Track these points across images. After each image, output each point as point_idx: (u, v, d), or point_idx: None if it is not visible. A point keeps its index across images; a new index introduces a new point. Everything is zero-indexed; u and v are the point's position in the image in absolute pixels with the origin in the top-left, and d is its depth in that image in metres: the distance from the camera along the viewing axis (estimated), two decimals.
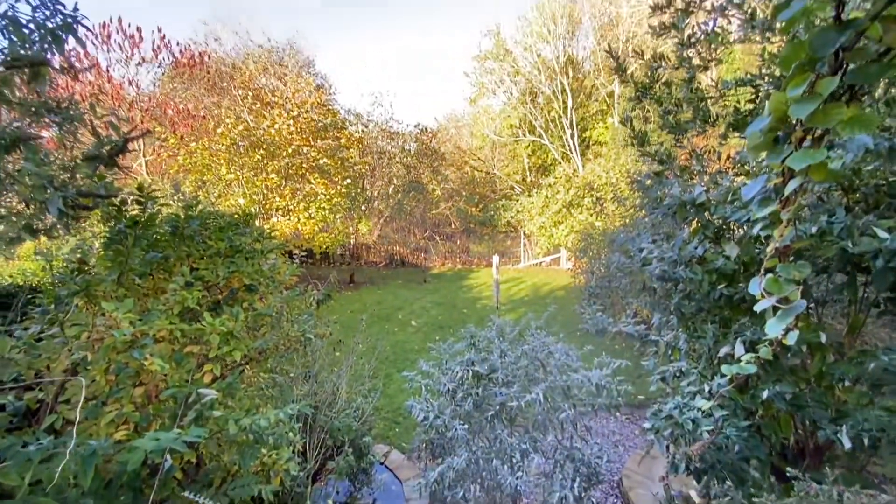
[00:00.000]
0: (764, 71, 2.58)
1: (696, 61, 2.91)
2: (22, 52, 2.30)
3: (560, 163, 20.31)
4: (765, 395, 1.98)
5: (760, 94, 2.56)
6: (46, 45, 2.41)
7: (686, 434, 2.04)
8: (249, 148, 11.54)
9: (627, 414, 5.77)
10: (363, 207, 16.86)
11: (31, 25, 2.49)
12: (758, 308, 1.27)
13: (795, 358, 2.13)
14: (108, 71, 11.31)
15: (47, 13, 2.57)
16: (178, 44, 13.12)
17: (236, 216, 3.41)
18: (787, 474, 1.70)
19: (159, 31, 12.65)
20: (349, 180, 13.71)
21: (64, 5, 2.57)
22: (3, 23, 2.40)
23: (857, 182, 2.11)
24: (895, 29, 0.98)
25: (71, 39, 2.50)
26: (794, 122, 1.13)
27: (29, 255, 4.39)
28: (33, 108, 2.60)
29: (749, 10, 2.45)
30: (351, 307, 11.87)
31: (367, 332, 5.17)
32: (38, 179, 2.01)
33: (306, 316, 3.38)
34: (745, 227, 2.38)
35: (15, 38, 2.15)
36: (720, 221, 2.41)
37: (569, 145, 20.14)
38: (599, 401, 3.23)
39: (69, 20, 2.51)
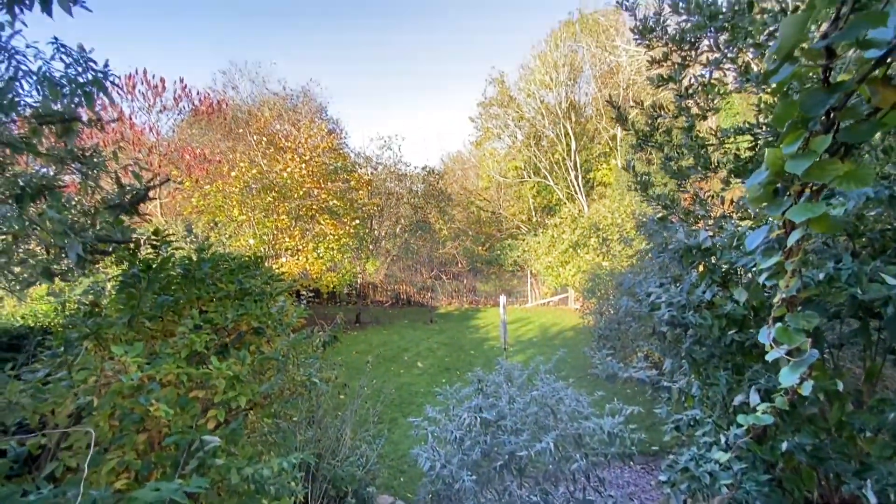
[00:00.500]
0: (762, 120, 2.66)
1: (694, 110, 3.01)
2: (54, 106, 2.46)
3: (565, 203, 20.57)
4: (784, 446, 1.91)
5: (759, 141, 2.63)
6: (77, 100, 2.57)
7: (703, 488, 1.95)
8: (262, 190, 11.87)
9: (642, 464, 5.52)
10: (371, 247, 17.03)
11: (64, 80, 2.67)
12: (769, 358, 1.25)
13: (813, 406, 2.07)
14: (130, 118, 11.88)
15: (79, 69, 2.76)
16: (197, 92, 13.84)
17: (246, 258, 3.47)
18: None
19: (181, 80, 13.40)
20: (358, 221, 13.95)
21: (95, 62, 2.75)
22: (36, 79, 2.58)
23: (861, 227, 2.12)
24: (882, 91, 1.02)
25: (99, 93, 2.66)
26: (792, 175, 1.17)
27: (42, 296, 4.46)
28: (59, 157, 2.74)
29: (743, 65, 2.56)
30: (357, 348, 11.73)
31: (372, 374, 5.10)
32: (60, 225, 2.09)
33: (312, 360, 3.35)
34: (753, 272, 2.38)
35: (49, 94, 2.30)
36: (727, 266, 2.41)
37: (573, 186, 20.47)
38: (612, 450, 3.11)
39: (99, 76, 2.69)
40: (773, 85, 1.18)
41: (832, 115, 1.09)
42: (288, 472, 2.36)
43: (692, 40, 2.91)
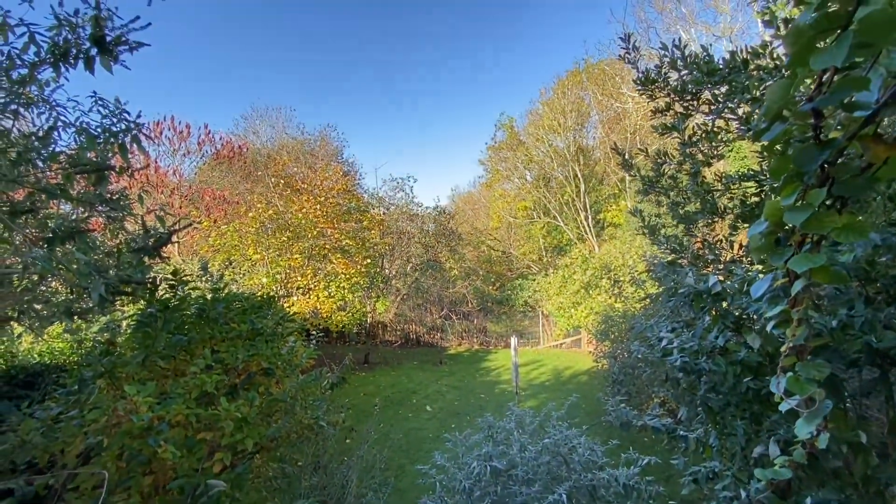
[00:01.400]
0: (765, 166, 2.71)
1: (699, 157, 3.08)
2: (88, 154, 2.62)
3: (576, 243, 20.60)
4: (808, 502, 1.82)
5: (765, 188, 2.67)
6: (109, 147, 2.74)
7: None
8: (277, 230, 12.15)
9: None
10: (381, 286, 17.09)
11: (99, 130, 2.86)
12: (782, 409, 1.24)
13: (836, 460, 1.98)
14: (156, 162, 12.46)
15: (114, 119, 2.96)
16: (220, 137, 14.52)
17: (259, 298, 3.53)
18: None
19: (205, 126, 14.12)
20: (369, 260, 14.09)
21: (129, 113, 2.96)
22: (74, 130, 2.77)
23: (873, 273, 2.11)
24: (873, 147, 1.07)
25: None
26: (792, 227, 1.20)
27: (59, 333, 4.54)
28: (89, 201, 2.89)
29: (745, 115, 2.65)
30: (365, 389, 11.53)
31: (380, 418, 4.98)
32: (86, 267, 2.18)
33: (319, 402, 3.33)
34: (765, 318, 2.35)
35: (86, 145, 2.47)
36: (739, 311, 2.39)
37: (584, 227, 20.56)
38: (628, 503, 2.97)
39: (132, 126, 2.88)
40: (766, 144, 1.23)
41: (826, 169, 1.13)
42: None
43: (693, 91, 3.03)
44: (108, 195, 3.01)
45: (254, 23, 35.14)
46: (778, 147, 1.22)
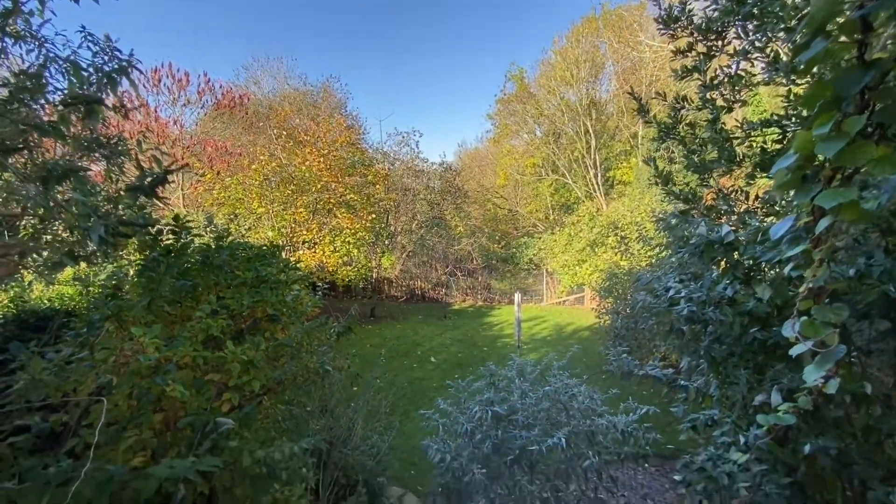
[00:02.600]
0: (790, 111, 2.56)
1: (719, 102, 2.92)
2: (79, 91, 2.52)
3: (583, 201, 20.31)
4: (807, 449, 1.84)
5: (788, 134, 2.54)
6: (103, 86, 2.63)
7: (721, 489, 1.89)
8: (281, 183, 12.03)
9: (657, 465, 5.42)
10: (387, 242, 17.12)
11: (91, 69, 2.74)
12: (793, 352, 1.20)
13: (838, 409, 1.99)
14: (155, 111, 12.18)
15: (105, 58, 2.83)
16: (220, 86, 14.09)
17: (264, 247, 3.51)
18: None
19: (205, 75, 13.66)
20: (374, 215, 14.03)
21: (121, 51, 2.82)
22: (65, 66, 2.65)
23: (895, 224, 2.02)
24: None
25: (125, 81, 2.73)
26: (822, 160, 1.11)
27: (68, 280, 4.61)
28: (85, 144, 2.81)
29: (772, 54, 2.47)
30: (371, 341, 11.82)
31: (385, 368, 5.10)
32: (84, 209, 2.14)
33: (325, 348, 3.38)
34: (777, 269, 2.30)
35: (75, 80, 2.36)
36: (750, 262, 2.33)
37: (592, 184, 20.19)
38: (626, 449, 3.06)
39: (124, 64, 2.75)
40: (802, 66, 1.12)
41: (867, 95, 1.03)
42: (299, 456, 2.38)
43: (719, 29, 2.81)
44: (106, 139, 2.93)
45: None
46: (813, 72, 1.11)
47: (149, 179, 2.19)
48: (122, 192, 2.61)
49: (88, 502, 1.62)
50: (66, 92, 2.56)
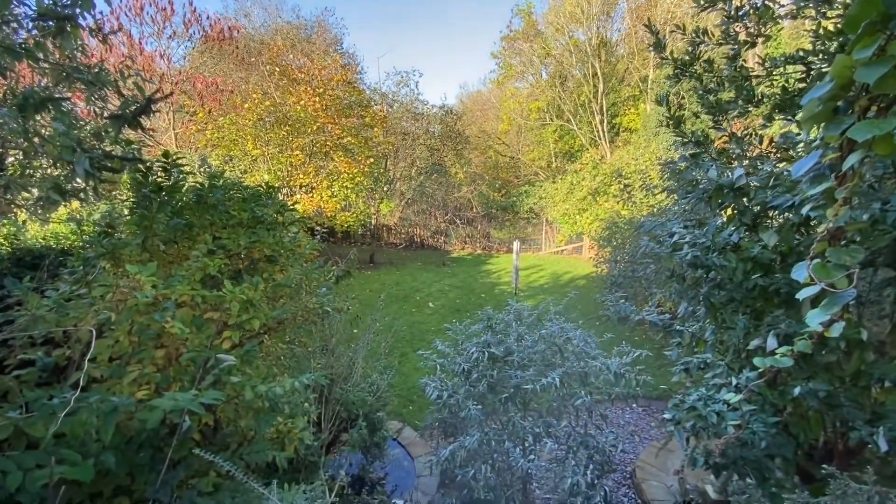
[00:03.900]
0: (818, 47, 2.39)
1: (742, 37, 2.72)
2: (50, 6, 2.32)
3: (587, 149, 19.81)
4: (796, 391, 1.88)
5: (813, 72, 2.38)
6: (76, 4, 2.41)
7: (709, 427, 1.96)
8: (275, 124, 11.62)
9: (645, 406, 5.67)
10: (385, 188, 16.87)
11: None
12: (801, 295, 1.17)
13: (831, 355, 2.01)
14: (140, 43, 11.47)
15: None
16: (208, 17, 13.18)
17: (259, 188, 3.42)
18: (822, 472, 1.62)
19: (190, 3, 12.74)
20: (372, 160, 13.70)
21: None
22: None
23: None
24: None
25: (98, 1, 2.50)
26: (858, 89, 1.02)
27: (62, 219, 4.55)
28: (64, 74, 2.63)
29: None
30: (370, 286, 11.98)
31: (384, 312, 5.17)
32: (67, 141, 2.03)
33: (325, 290, 3.39)
34: (786, 215, 2.24)
35: None
36: (758, 208, 2.27)
37: (597, 131, 19.58)
38: (617, 390, 3.16)
39: None
40: None
41: None
42: (301, 391, 2.44)
43: None
44: (87, 68, 2.74)
45: None
46: None
47: (132, 108, 2.06)
48: (105, 125, 2.48)
49: (95, 431, 1.67)
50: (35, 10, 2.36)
